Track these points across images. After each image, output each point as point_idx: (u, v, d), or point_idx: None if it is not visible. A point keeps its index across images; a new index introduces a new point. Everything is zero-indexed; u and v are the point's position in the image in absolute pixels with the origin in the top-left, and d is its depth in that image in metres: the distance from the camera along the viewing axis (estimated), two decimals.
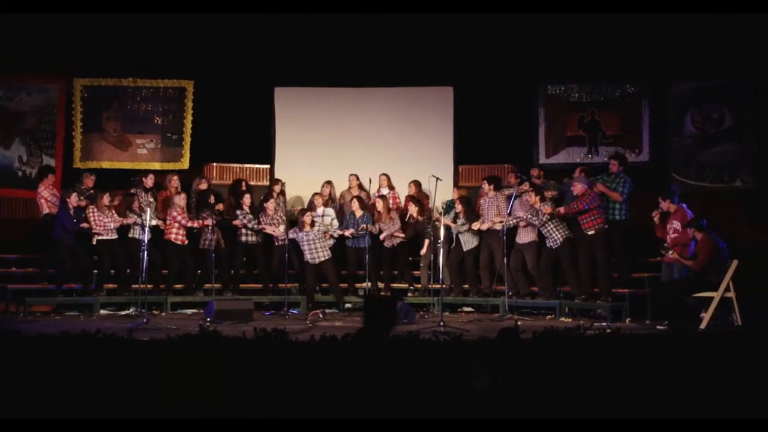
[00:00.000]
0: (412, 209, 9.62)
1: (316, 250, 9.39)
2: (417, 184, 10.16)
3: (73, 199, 9.14)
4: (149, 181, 9.91)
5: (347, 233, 9.60)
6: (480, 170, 10.84)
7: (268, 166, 11.07)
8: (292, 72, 10.87)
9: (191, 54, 10.52)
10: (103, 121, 10.82)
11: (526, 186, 9.06)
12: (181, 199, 9.43)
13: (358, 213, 9.70)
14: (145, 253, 8.06)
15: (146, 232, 8.23)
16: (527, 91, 10.80)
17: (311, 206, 9.99)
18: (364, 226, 9.50)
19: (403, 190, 10.42)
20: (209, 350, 4.75)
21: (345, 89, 11.09)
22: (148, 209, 8.87)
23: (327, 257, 9.44)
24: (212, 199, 9.67)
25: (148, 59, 10.56)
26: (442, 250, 8.41)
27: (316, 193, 10.09)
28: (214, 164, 10.93)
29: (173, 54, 10.53)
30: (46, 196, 9.48)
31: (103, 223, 9.20)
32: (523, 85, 10.70)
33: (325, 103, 11.13)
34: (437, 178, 8.91)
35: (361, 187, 10.33)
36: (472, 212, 9.42)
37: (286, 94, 11.18)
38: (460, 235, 9.40)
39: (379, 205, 9.66)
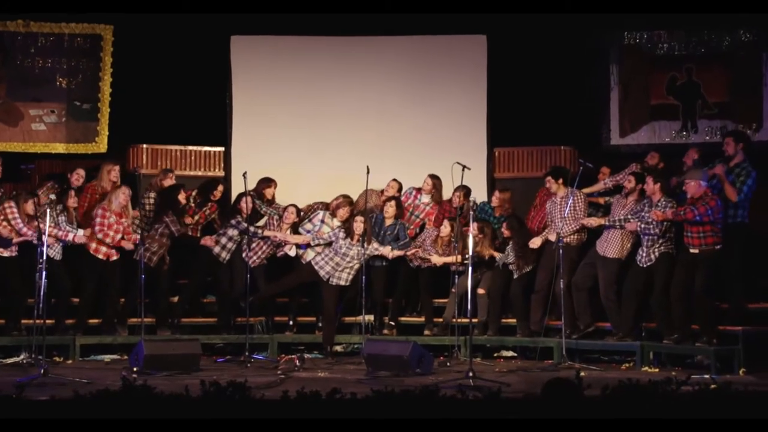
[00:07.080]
0: (445, 230, 9.58)
1: (346, 271, 9.52)
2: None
3: (30, 207, 8.79)
4: (76, 178, 9.59)
5: (391, 254, 9.58)
6: (524, 154, 10.89)
7: (222, 148, 11.11)
8: (255, 15, 10.84)
9: None
10: None
11: (631, 181, 8.89)
12: (121, 194, 9.23)
13: (389, 221, 9.76)
14: (43, 274, 8.03)
15: (44, 243, 8.18)
16: (593, 42, 10.82)
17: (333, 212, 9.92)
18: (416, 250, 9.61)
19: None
20: (136, 413, 4.73)
21: (332, 39, 11.11)
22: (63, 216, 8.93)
23: (347, 283, 9.59)
24: (183, 200, 9.60)
25: None
26: (471, 269, 8.40)
27: (343, 197, 9.97)
28: (144, 146, 10.95)
29: None
30: None
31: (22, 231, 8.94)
32: (587, 32, 10.71)
33: (303, 59, 11.15)
34: (463, 167, 8.87)
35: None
36: (526, 234, 9.42)
37: (248, 45, 11.22)
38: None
39: (445, 230, 9.63)
